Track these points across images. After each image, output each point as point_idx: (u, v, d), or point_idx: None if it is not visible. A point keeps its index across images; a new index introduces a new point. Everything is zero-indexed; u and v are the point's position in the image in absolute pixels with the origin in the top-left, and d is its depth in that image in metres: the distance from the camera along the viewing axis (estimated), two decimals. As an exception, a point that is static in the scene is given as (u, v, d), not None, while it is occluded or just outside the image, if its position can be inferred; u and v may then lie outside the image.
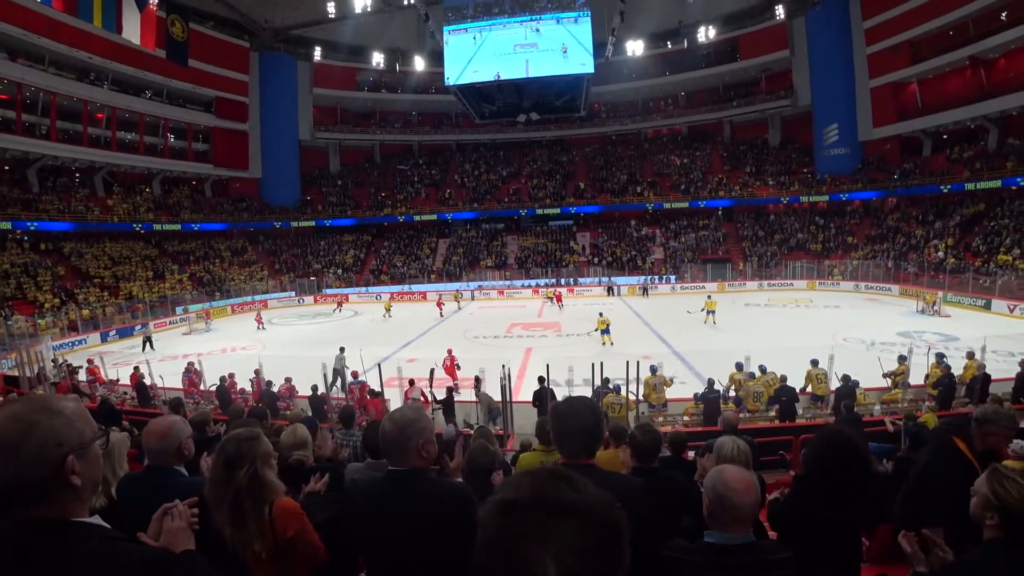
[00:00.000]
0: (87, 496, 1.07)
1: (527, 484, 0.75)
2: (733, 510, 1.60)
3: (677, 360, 15.47)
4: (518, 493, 0.73)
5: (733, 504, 1.59)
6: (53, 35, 27.98)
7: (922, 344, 15.49)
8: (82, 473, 1.03)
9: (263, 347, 21.02)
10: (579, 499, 0.72)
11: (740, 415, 9.34)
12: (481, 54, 28.98)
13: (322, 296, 35.66)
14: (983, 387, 9.44)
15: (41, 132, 29.90)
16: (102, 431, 1.13)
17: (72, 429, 1.03)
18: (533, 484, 0.74)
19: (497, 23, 28.75)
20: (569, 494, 0.73)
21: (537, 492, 0.73)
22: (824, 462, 2.12)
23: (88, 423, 1.07)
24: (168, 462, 1.92)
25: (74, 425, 1.04)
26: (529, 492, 0.73)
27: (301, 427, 2.61)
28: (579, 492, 0.73)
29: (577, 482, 0.76)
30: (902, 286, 27.29)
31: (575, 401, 1.79)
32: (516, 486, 0.75)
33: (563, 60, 28.39)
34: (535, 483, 0.74)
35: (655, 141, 46.39)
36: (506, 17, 28.66)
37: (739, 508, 1.60)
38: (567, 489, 0.73)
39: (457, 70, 29.40)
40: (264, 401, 10.52)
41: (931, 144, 33.68)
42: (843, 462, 2.06)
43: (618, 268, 36.24)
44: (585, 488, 0.75)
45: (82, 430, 1.05)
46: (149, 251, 34.17)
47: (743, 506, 1.60)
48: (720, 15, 38.20)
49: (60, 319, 24.43)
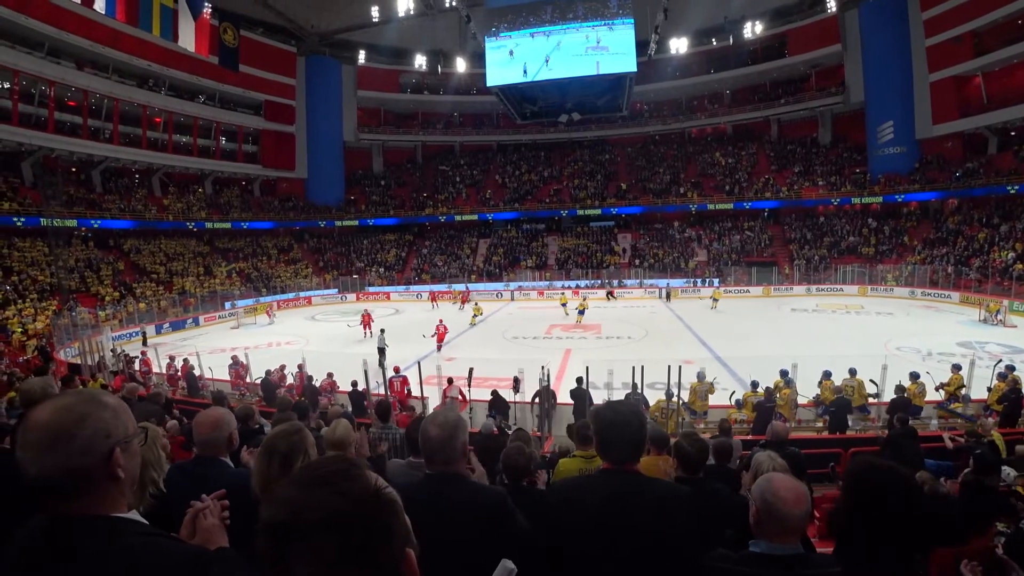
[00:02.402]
0: (127, 490, 1.08)
1: (286, 502, 0.73)
2: (782, 520, 1.52)
3: (719, 365, 15.08)
4: (276, 514, 0.72)
5: (782, 514, 1.51)
6: (115, 44, 29.60)
7: (985, 356, 14.65)
8: (125, 466, 1.04)
9: (307, 342, 21.58)
10: (341, 504, 0.71)
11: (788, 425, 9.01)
12: (522, 56, 29.03)
13: (364, 294, 36.41)
14: (1012, 405, 8.82)
15: (104, 136, 31.61)
16: (142, 429, 1.15)
17: (119, 422, 1.05)
18: (292, 501, 0.72)
19: (539, 31, 28.71)
20: (332, 501, 0.71)
21: (295, 512, 0.71)
22: (859, 507, 1.94)
23: (130, 418, 1.09)
24: (217, 452, 1.97)
25: (120, 418, 1.06)
26: (287, 513, 0.71)
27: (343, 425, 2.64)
28: (342, 494, 0.72)
29: (340, 482, 0.73)
30: (963, 293, 25.85)
31: (621, 407, 1.75)
32: (277, 504, 0.73)
33: (605, 60, 28.14)
34: (294, 500, 0.72)
35: (699, 141, 45.41)
36: (547, 25, 28.59)
37: (788, 518, 1.52)
38: (328, 495, 0.72)
39: (498, 72, 29.53)
40: (306, 395, 10.78)
41: (997, 141, 31.76)
42: (884, 505, 1.88)
43: (660, 270, 35.63)
44: (349, 486, 0.73)
45: (126, 424, 1.07)
46: (201, 248, 35.68)
47: (792, 516, 1.52)
48: (768, 10, 37.10)
49: (120, 311, 25.75)
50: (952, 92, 32.38)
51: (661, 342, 19.67)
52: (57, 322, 21.94)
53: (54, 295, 25.38)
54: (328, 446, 2.51)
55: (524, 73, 29.10)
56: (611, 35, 27.93)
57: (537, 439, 8.61)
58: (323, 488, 0.73)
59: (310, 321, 28.71)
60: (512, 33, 29.20)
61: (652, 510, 1.58)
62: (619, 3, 27.71)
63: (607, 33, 27.96)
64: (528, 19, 28.83)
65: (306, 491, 0.73)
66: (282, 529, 0.70)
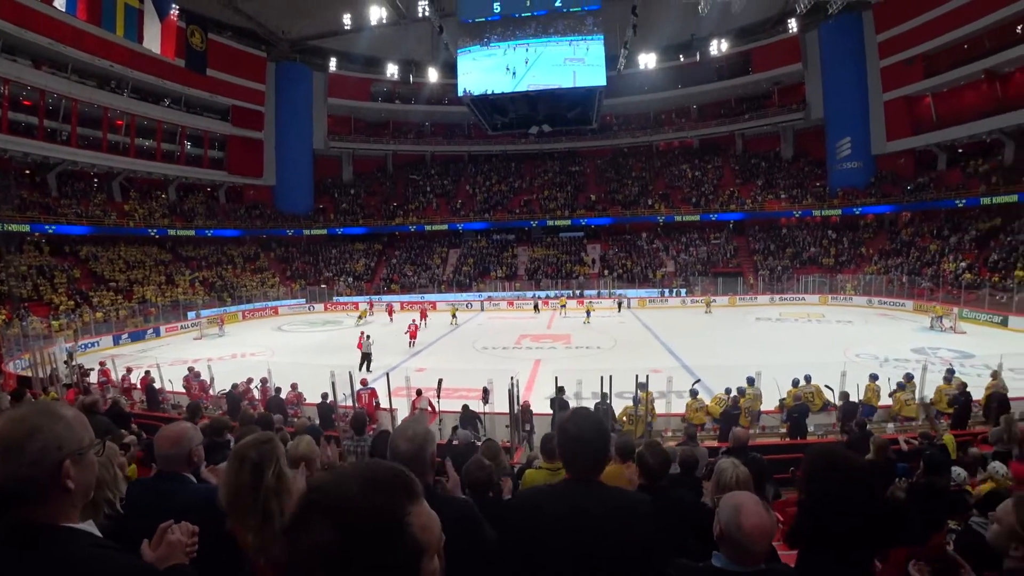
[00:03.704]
0: (79, 501, 1.10)
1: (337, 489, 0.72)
2: (745, 553, 1.56)
3: (687, 374, 15.34)
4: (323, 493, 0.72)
5: (745, 547, 1.54)
6: (77, 44, 28.61)
7: (936, 361, 15.30)
8: (76, 478, 1.06)
9: (272, 353, 21.13)
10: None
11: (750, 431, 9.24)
12: (494, 68, 29.32)
13: (332, 304, 35.87)
14: (999, 407, 9.26)
15: (62, 138, 30.49)
16: (99, 441, 1.16)
17: (72, 434, 1.07)
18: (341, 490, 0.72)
19: (510, 45, 29.07)
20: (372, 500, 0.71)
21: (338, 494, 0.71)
22: (814, 484, 2.04)
23: (87, 430, 1.11)
24: (178, 468, 1.93)
25: (74, 430, 1.08)
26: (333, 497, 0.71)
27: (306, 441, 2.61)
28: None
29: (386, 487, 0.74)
30: (916, 301, 26.95)
31: (585, 419, 1.76)
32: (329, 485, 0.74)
33: (576, 73, 28.64)
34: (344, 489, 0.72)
35: (667, 154, 46.39)
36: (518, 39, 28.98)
37: (752, 552, 1.55)
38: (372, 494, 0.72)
39: (470, 83, 29.72)
40: (271, 408, 10.55)
41: (946, 158, 33.40)
42: (836, 483, 1.95)
43: (628, 281, 36.11)
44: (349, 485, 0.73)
45: (81, 436, 1.09)
46: (163, 256, 34.60)
47: (756, 551, 1.55)
48: (733, 28, 38.26)
49: (74, 321, 24.75)
50: (904, 111, 33.94)
51: (630, 351, 19.91)
52: (6, 332, 20.98)
53: (4, 304, 24.26)
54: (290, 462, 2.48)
55: (495, 85, 29.39)
56: (581, 50, 28.49)
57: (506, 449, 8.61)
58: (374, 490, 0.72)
59: (277, 332, 28.11)
60: (483, 46, 29.47)
61: (614, 520, 1.61)
62: (587, 20, 28.32)
63: (577, 48, 28.49)
64: (500, 32, 29.17)
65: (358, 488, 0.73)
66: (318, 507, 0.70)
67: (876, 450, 5.56)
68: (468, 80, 29.84)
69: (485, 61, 29.63)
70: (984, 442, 7.20)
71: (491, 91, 29.46)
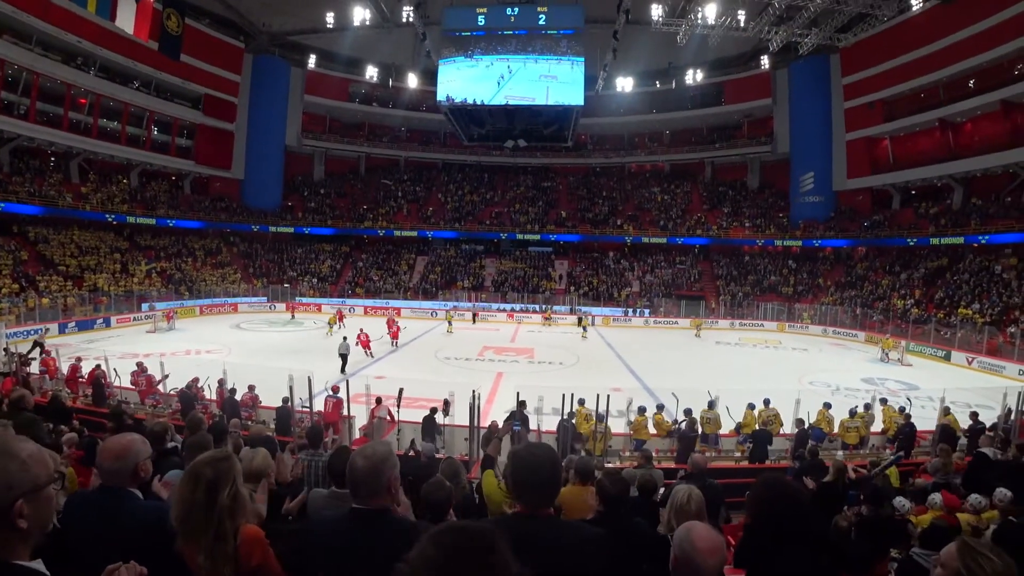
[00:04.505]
0: (33, 539, 1.06)
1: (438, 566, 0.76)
2: (697, 569, 1.60)
3: (647, 395, 15.55)
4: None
5: (698, 565, 1.58)
6: (43, 15, 27.27)
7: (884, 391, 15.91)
8: (30, 516, 1.02)
9: (229, 352, 20.51)
10: None
11: (708, 454, 9.41)
12: (475, 79, 29.47)
13: (294, 304, 35.10)
14: (943, 439, 9.69)
15: (19, 112, 29.12)
16: (59, 475, 1.11)
17: (26, 474, 1.03)
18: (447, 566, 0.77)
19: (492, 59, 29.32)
20: None
21: None
22: (760, 511, 2.13)
23: (44, 466, 1.07)
24: (122, 483, 1.83)
25: (28, 470, 1.04)
26: None
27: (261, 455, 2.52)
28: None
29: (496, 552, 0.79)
30: (868, 333, 28.06)
31: (536, 450, 1.77)
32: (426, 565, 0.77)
33: (554, 91, 29.05)
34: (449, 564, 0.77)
35: (638, 176, 47.29)
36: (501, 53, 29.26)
37: (703, 570, 1.59)
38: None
39: (449, 92, 29.79)
40: (226, 410, 10.23)
41: (900, 198, 35.08)
42: (779, 511, 2.03)
43: (593, 298, 36.50)
44: (503, 548, 0.76)
45: (36, 474, 1.05)
46: (119, 243, 33.28)
47: (708, 568, 1.59)
48: (708, 60, 39.47)
49: (18, 306, 23.52)
50: (864, 151, 35.55)
51: (592, 369, 20.09)
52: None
53: (-60, 284, 22.90)
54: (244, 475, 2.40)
55: (475, 95, 29.52)
56: (561, 70, 28.96)
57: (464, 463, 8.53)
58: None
59: (235, 329, 27.33)
60: (467, 57, 29.61)
61: (565, 553, 1.61)
62: (569, 42, 28.75)
63: (557, 67, 28.97)
64: (483, 46, 29.36)
65: None
66: None
67: (835, 472, 5.77)
68: (448, 88, 29.92)
69: (467, 71, 29.78)
70: (926, 471, 7.56)
71: (470, 100, 29.57)
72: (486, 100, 29.45)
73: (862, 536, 4.34)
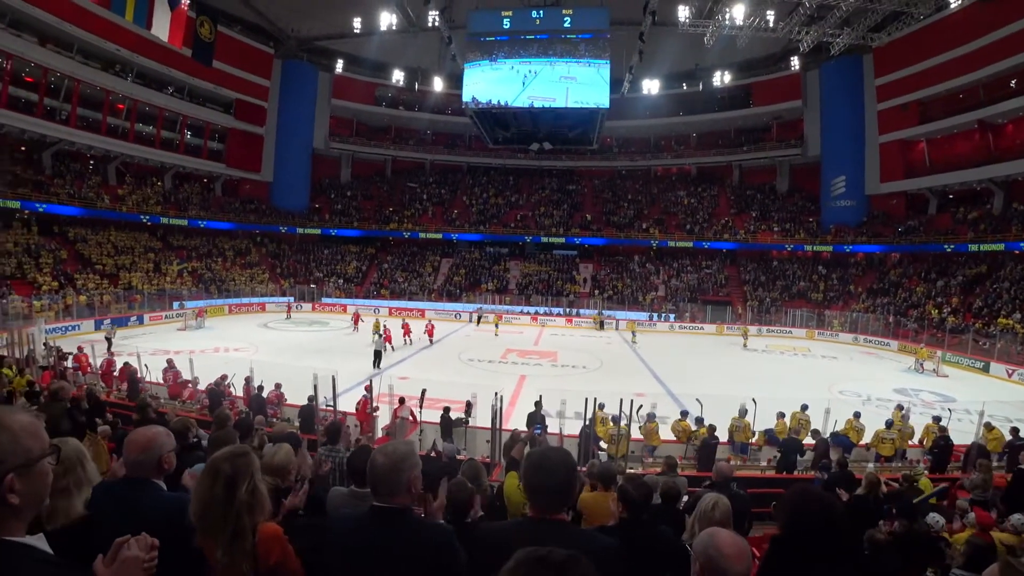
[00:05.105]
0: (26, 514, 1.04)
1: None
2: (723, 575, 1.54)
3: (671, 401, 15.34)
4: None
5: (725, 571, 1.53)
6: (84, 24, 28.46)
7: (919, 403, 15.41)
8: (22, 491, 1.00)
9: (256, 350, 20.89)
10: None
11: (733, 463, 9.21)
12: (500, 83, 29.55)
13: (320, 304, 35.63)
14: (979, 455, 9.31)
15: (61, 117, 30.23)
16: (54, 447, 1.09)
17: (17, 446, 1.01)
18: None
19: (516, 62, 29.37)
20: None
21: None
22: (792, 523, 2.02)
23: (37, 439, 1.05)
24: (147, 474, 1.86)
25: (20, 442, 1.02)
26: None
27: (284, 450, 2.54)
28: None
29: None
30: (901, 342, 27.21)
31: (551, 454, 1.76)
32: None
33: (580, 94, 28.90)
34: None
35: (664, 179, 46.80)
36: (526, 57, 29.29)
37: (729, 574, 1.54)
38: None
39: (475, 95, 29.93)
40: (252, 407, 10.40)
41: (937, 203, 33.97)
42: (813, 524, 1.90)
43: (618, 302, 36.20)
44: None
45: (28, 447, 1.03)
46: (153, 243, 34.27)
47: (733, 572, 1.54)
48: (736, 61, 38.89)
49: (57, 303, 24.36)
50: (899, 154, 34.56)
51: (615, 373, 19.90)
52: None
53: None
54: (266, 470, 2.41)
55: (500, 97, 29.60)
56: (586, 72, 28.78)
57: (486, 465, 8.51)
58: None
59: (262, 328, 27.85)
60: (491, 61, 29.70)
61: None
62: (590, 45, 28.62)
63: (583, 70, 28.79)
64: (507, 50, 29.41)
65: None
66: None
67: (867, 485, 5.58)
68: (473, 90, 30.08)
69: (492, 74, 29.86)
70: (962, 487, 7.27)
71: (495, 101, 29.67)
72: (510, 101, 29.49)
73: (898, 551, 4.18)
